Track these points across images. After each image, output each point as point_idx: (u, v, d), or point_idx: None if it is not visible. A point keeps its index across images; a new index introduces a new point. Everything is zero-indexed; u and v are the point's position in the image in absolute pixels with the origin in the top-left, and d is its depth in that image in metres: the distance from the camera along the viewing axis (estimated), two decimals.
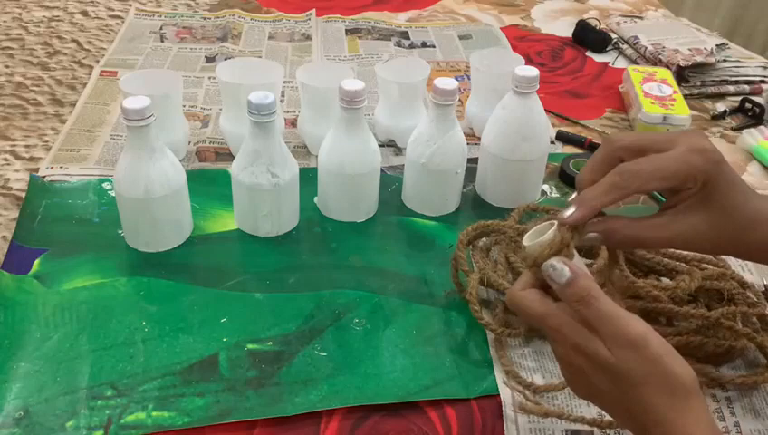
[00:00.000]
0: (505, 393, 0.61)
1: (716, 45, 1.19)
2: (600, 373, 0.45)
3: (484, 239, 0.74)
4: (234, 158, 0.77)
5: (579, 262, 0.48)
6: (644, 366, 0.43)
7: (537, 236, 0.49)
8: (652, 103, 1.01)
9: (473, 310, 0.66)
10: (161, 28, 1.26)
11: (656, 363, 0.43)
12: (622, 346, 0.43)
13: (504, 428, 0.58)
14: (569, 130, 1.01)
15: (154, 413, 0.58)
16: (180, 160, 0.80)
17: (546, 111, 0.84)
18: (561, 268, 0.46)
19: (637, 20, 1.35)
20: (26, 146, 0.92)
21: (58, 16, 1.29)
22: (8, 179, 0.85)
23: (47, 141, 0.93)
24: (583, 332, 0.45)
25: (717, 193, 0.49)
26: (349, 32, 1.30)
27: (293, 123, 0.98)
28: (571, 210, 0.48)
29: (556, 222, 0.49)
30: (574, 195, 0.51)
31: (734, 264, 0.76)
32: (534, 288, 0.48)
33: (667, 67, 1.15)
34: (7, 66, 1.11)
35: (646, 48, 1.22)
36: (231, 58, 1.13)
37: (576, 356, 0.46)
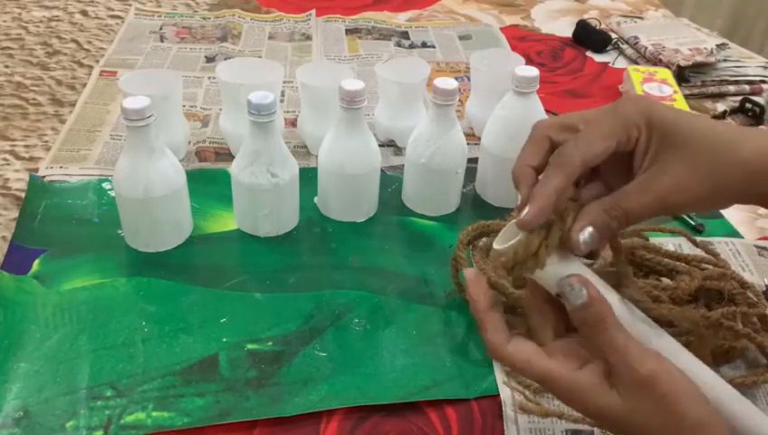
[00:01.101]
0: (505, 393, 0.61)
1: (717, 45, 1.19)
2: (612, 423, 0.42)
3: (484, 239, 0.74)
4: (234, 158, 0.77)
5: (580, 269, 0.44)
6: (652, 409, 0.40)
7: (507, 240, 0.44)
8: None
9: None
10: (161, 28, 1.26)
11: (662, 405, 0.40)
12: (630, 386, 0.41)
13: (504, 428, 0.58)
14: None
15: (154, 413, 0.58)
16: (180, 160, 0.79)
17: (546, 111, 0.84)
18: (578, 289, 0.42)
19: (637, 20, 1.35)
20: (26, 146, 0.92)
21: (58, 16, 1.29)
22: (8, 179, 0.85)
23: (47, 141, 0.93)
24: (595, 388, 0.42)
25: (680, 133, 0.43)
26: (349, 32, 1.29)
27: (293, 123, 0.97)
28: (525, 210, 0.43)
29: None
30: (520, 197, 0.45)
31: (734, 264, 0.76)
32: (520, 336, 0.45)
33: (668, 67, 1.15)
34: (7, 66, 1.11)
35: (646, 48, 1.22)
36: (231, 58, 1.13)
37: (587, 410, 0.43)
